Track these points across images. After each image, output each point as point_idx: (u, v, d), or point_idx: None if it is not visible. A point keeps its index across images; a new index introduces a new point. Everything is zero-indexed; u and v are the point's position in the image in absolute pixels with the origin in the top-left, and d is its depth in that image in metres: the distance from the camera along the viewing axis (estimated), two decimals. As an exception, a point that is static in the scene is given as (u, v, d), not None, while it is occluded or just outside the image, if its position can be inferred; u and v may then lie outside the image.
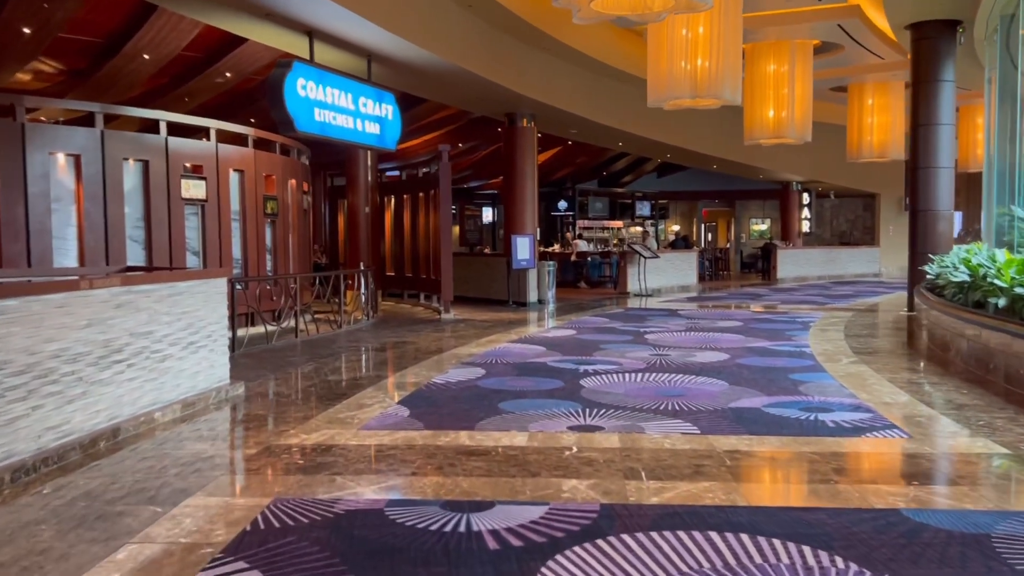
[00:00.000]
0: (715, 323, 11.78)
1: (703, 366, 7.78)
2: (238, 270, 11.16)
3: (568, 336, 10.34)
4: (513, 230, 15.55)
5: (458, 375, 7.38)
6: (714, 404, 5.98)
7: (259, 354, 9.08)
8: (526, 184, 15.77)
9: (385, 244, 16.71)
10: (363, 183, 15.44)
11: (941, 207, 12.70)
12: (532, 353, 8.80)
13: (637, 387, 6.72)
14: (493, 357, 8.51)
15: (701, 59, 11.82)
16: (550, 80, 14.96)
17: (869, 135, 19.85)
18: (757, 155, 22.19)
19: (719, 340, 9.79)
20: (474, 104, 15.33)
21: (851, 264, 24.99)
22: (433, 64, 11.76)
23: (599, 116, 16.67)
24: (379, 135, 11.66)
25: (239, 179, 11.24)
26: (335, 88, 10.66)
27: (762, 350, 8.85)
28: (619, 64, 15.82)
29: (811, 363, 7.88)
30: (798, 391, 6.44)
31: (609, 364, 7.97)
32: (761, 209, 31.23)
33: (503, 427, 5.32)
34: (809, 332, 10.51)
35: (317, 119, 10.28)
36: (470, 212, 29.69)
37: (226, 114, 13.98)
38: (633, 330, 10.96)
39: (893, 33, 13.57)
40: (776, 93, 16.13)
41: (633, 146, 21.24)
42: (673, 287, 19.38)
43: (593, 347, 9.26)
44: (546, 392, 6.53)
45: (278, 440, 5.09)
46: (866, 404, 5.88)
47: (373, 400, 6.30)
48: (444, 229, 13.14)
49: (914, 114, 12.90)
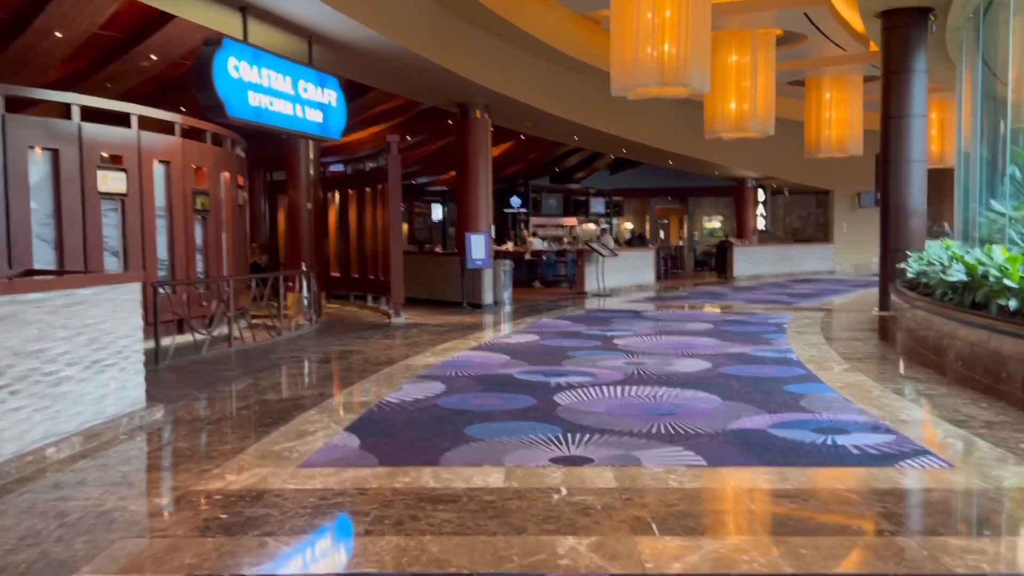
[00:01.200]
0: (684, 326, 11.08)
1: (687, 377, 7.02)
2: (164, 272, 10.05)
3: (531, 342, 9.51)
4: (467, 227, 14.66)
5: (414, 392, 6.49)
6: (712, 425, 5.20)
7: (186, 368, 8.03)
8: (480, 179, 14.90)
9: (329, 243, 15.67)
10: (304, 177, 14.37)
11: (914, 202, 12.21)
12: (495, 363, 7.94)
13: (619, 404, 5.92)
14: (452, 368, 7.62)
15: (668, 44, 11.13)
16: (505, 69, 14.11)
17: (827, 130, 19.52)
18: (714, 151, 21.69)
19: (694, 345, 9.07)
20: (424, 93, 14.39)
21: (806, 261, 24.71)
22: (380, 46, 10.81)
23: (555, 108, 15.88)
24: (322, 123, 10.66)
25: (165, 171, 10.12)
26: (272, 70, 9.64)
27: (744, 357, 8.15)
28: (577, 54, 15.05)
29: (802, 372, 7.19)
30: (801, 407, 5.71)
31: (582, 375, 7.16)
32: (714, 206, 30.87)
33: (473, 460, 4.46)
34: (786, 335, 9.88)
35: (252, 104, 9.25)
36: (419, 209, 28.65)
37: (154, 103, 12.77)
38: (599, 334, 10.18)
39: (863, 21, 13.05)
40: (738, 85, 15.57)
41: (589, 141, 20.54)
42: (631, 286, 18.72)
43: (561, 355, 8.44)
44: (518, 412, 5.68)
45: (198, 483, 4.14)
46: (883, 423, 5.17)
47: (316, 426, 5.37)
48: (394, 226, 12.19)
49: (885, 106, 12.39)
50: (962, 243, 12.22)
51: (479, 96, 14.37)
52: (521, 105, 14.94)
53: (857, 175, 25.27)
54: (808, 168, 24.19)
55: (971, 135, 11.41)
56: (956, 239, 13.32)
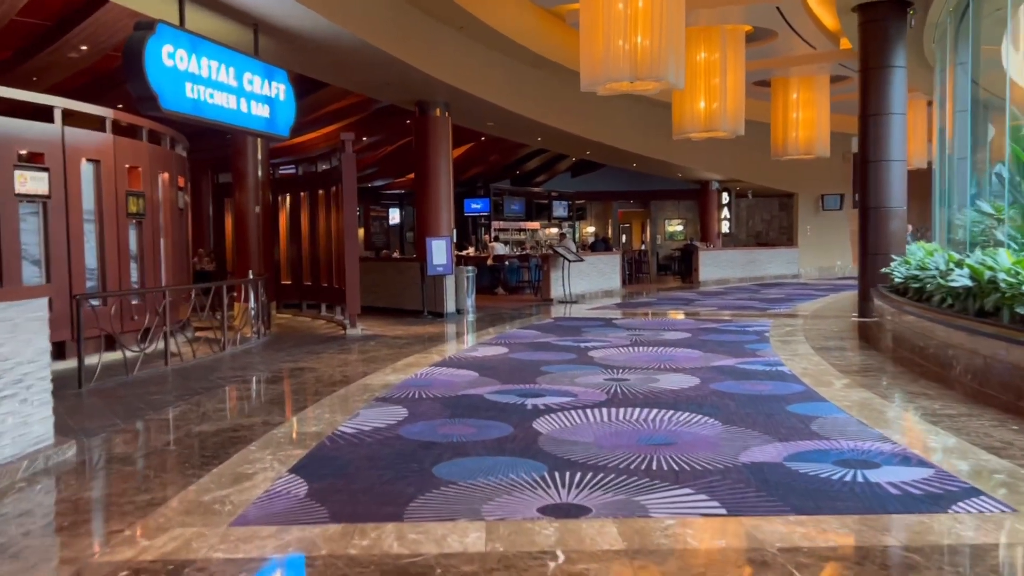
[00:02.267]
0: (660, 335, 10.43)
1: (676, 396, 6.34)
2: (93, 283, 9.09)
3: (500, 355, 8.76)
4: (427, 232, 13.87)
5: (373, 419, 5.69)
6: (720, 458, 4.51)
7: (113, 391, 7.12)
8: (440, 181, 14.12)
9: (280, 248, 14.74)
10: (252, 179, 13.44)
11: (894, 203, 11.76)
12: (462, 381, 7.17)
13: (608, 432, 5.20)
14: (415, 388, 6.83)
15: (641, 37, 10.47)
16: (466, 64, 13.37)
17: (794, 131, 19.11)
18: (679, 153, 21.21)
19: (676, 358, 8.41)
20: (381, 90, 13.57)
21: (771, 265, 24.36)
22: (332, 37, 9.99)
23: (519, 107, 15.17)
24: (269, 119, 9.79)
25: (94, 171, 9.17)
26: (214, 60, 8.76)
27: (733, 371, 7.50)
28: (542, 50, 14.37)
29: (801, 388, 6.55)
30: (813, 432, 5.05)
31: (560, 395, 6.43)
32: (676, 210, 30.47)
33: (446, 512, 3.69)
34: (771, 345, 9.28)
35: (189, 96, 8.36)
36: (376, 213, 27.67)
37: (90, 100, 11.74)
38: (572, 345, 9.47)
39: (838, 16, 12.60)
40: (707, 83, 15.00)
41: (552, 142, 19.87)
42: (597, 292, 18.08)
43: (534, 370, 7.70)
44: (493, 444, 4.92)
45: (102, 552, 3.31)
46: (913, 452, 4.53)
47: (257, 466, 4.55)
48: (349, 230, 11.35)
49: (863, 103, 11.93)
50: (945, 246, 11.80)
51: (439, 93, 13.60)
52: (483, 103, 14.20)
53: (821, 178, 25.04)
54: (772, 170, 23.83)
55: (953, 135, 10.97)
56: (933, 242, 12.93)
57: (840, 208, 25.57)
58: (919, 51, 13.10)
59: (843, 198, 25.47)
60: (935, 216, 13.23)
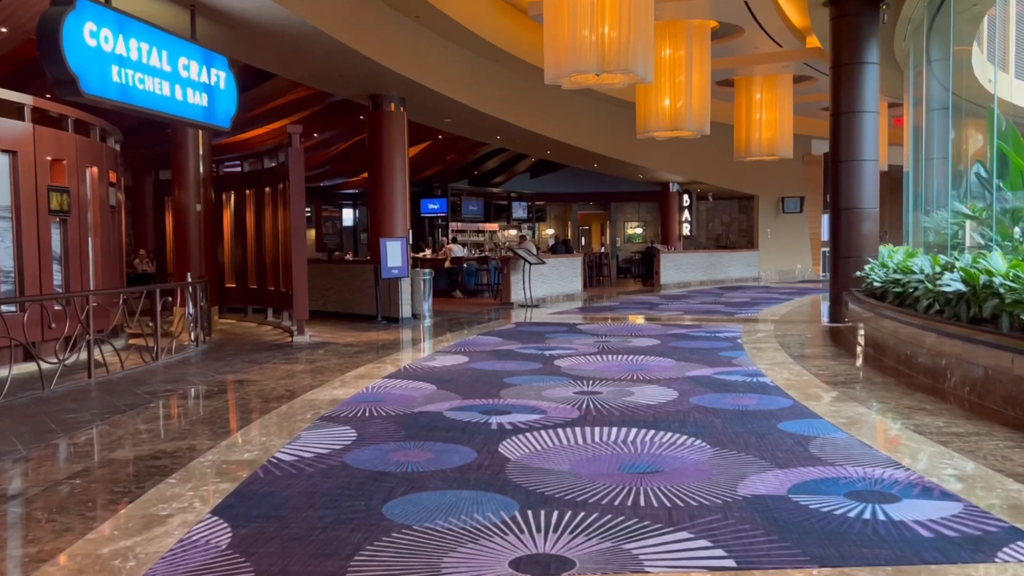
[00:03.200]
0: (628, 341, 9.88)
1: (655, 412, 5.75)
2: (9, 286, 8.22)
3: (460, 365, 8.10)
4: (382, 233, 13.14)
5: (315, 443, 5.00)
6: (716, 490, 3.92)
7: (23, 409, 6.30)
8: (395, 179, 13.41)
9: (224, 249, 13.89)
10: (193, 175, 12.57)
11: (866, 205, 11.40)
12: (419, 395, 6.51)
13: (585, 457, 4.58)
14: (365, 405, 6.15)
15: (608, 27, 9.93)
16: (423, 56, 12.69)
17: (758, 132, 18.79)
18: (641, 153, 20.77)
19: (648, 367, 7.85)
20: (332, 82, 12.80)
21: (731, 268, 24.07)
22: (278, 22, 9.25)
23: (478, 103, 14.53)
24: (207, 108, 9.01)
25: (9, 163, 8.30)
26: (144, 42, 7.98)
27: (712, 382, 6.95)
28: (503, 44, 13.76)
29: (788, 403, 6.02)
30: (814, 456, 4.50)
31: (527, 411, 5.80)
32: (636, 212, 30.10)
33: (397, 567, 3.03)
34: (745, 352, 8.77)
35: (116, 80, 7.57)
36: (328, 213, 26.70)
37: (13, 88, 10.80)
38: (536, 353, 8.87)
39: (809, 11, 12.21)
40: (672, 80, 14.55)
41: (512, 141, 19.26)
42: (558, 296, 17.52)
43: (496, 382, 7.07)
44: (454, 475, 4.27)
45: (-44, 633, 2.60)
46: (931, 481, 4.00)
47: (174, 505, 3.84)
48: (296, 230, 10.58)
49: (834, 101, 11.55)
50: (921, 250, 11.47)
51: (394, 87, 12.90)
52: (440, 98, 13.53)
53: (782, 180, 24.86)
54: (733, 172, 23.58)
55: (928, 135, 10.62)
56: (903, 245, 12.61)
57: (801, 211, 25.42)
58: (887, 50, 12.78)
59: (803, 201, 25.33)
60: (907, 219, 12.94)
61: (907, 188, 13.41)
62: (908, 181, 13.33)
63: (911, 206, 13.31)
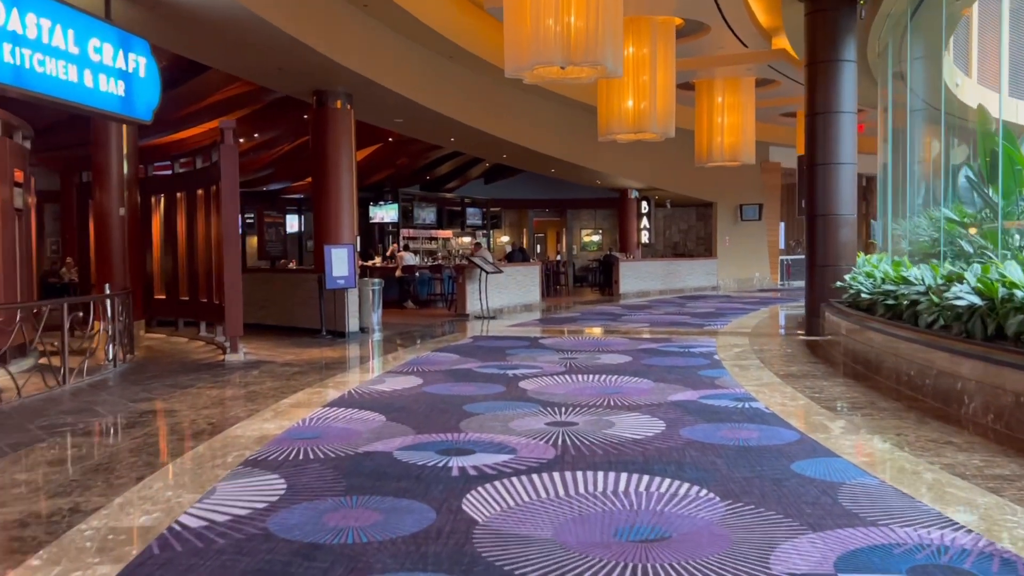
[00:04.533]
0: (597, 359, 9.06)
1: (643, 449, 4.90)
2: None
3: (413, 389, 7.17)
4: (327, 240, 12.12)
5: (233, 499, 4.03)
6: (745, 567, 3.08)
7: None
8: (342, 181, 12.41)
9: (154, 257, 12.71)
10: (116, 176, 11.41)
11: (844, 211, 10.79)
12: (364, 430, 5.56)
13: (571, 517, 3.70)
14: (300, 443, 5.18)
15: (574, 17, 9.14)
16: (372, 49, 11.75)
17: (719, 136, 18.22)
18: (599, 158, 20.06)
19: (624, 389, 7.02)
20: (273, 76, 11.77)
21: (690, 277, 23.49)
22: (207, 3, 8.23)
23: (431, 101, 13.61)
24: (124, 98, 7.93)
25: None
26: (45, 18, 6.92)
27: (700, 409, 6.14)
28: (458, 39, 12.88)
29: (794, 435, 5.22)
30: (848, 511, 3.69)
31: (494, 450, 4.91)
32: (592, 219, 29.45)
33: None
34: (727, 371, 8.00)
35: (8, 61, 6.49)
36: (271, 219, 25.36)
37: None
38: (498, 374, 7.98)
39: (782, 6, 11.59)
40: (636, 81, 13.85)
41: (467, 143, 18.36)
42: (516, 306, 16.66)
43: (455, 410, 6.16)
44: (407, 547, 3.35)
45: None
46: (1007, 549, 3.21)
47: (27, 604, 2.85)
48: (229, 236, 9.52)
49: (809, 101, 10.93)
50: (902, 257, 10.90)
51: (340, 81, 11.92)
52: (390, 94, 12.58)
53: (741, 187, 24.42)
54: (692, 179, 23.06)
55: (909, 138, 10.05)
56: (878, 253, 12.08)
57: (759, 218, 25.01)
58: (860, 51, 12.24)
59: (761, 208, 24.93)
60: (879, 226, 12.43)
61: (883, 194, 12.90)
62: (884, 187, 12.83)
63: (889, 212, 12.80)
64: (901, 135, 11.32)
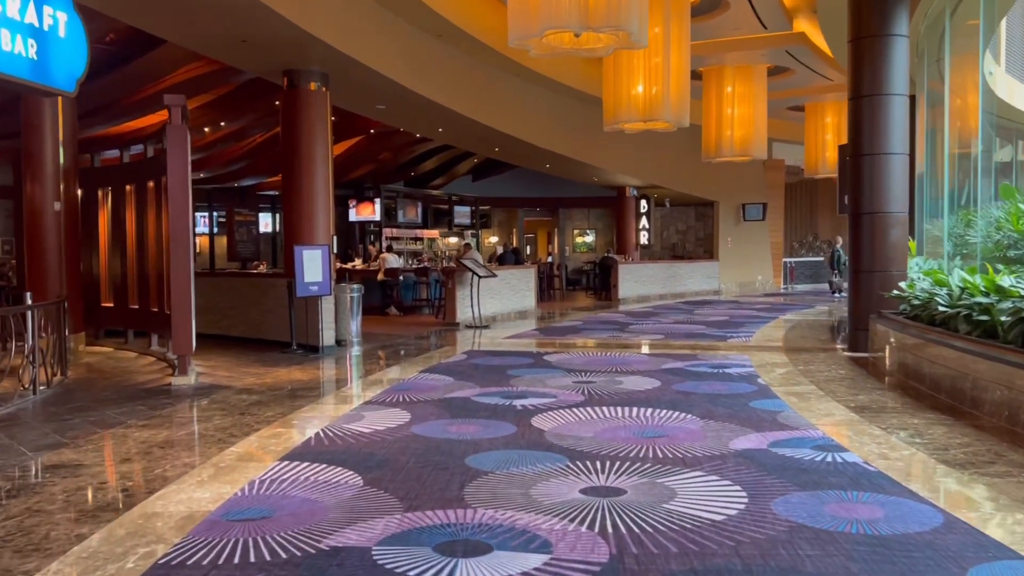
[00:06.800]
0: (618, 382, 7.57)
1: (735, 543, 3.41)
2: None
3: (398, 430, 5.64)
4: (298, 240, 10.57)
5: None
6: None
7: None
8: (316, 173, 10.86)
9: (100, 260, 11.09)
10: (51, 165, 9.80)
11: (894, 208, 9.34)
12: (332, 504, 4.03)
13: None
14: (238, 528, 3.65)
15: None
16: (350, 21, 10.21)
17: (729, 129, 16.85)
18: (599, 154, 18.60)
19: (668, 431, 5.53)
20: (237, 51, 10.16)
21: (691, 280, 22.10)
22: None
23: (417, 84, 12.06)
24: (36, 62, 6.35)
25: None
26: (-78, -48, 5.30)
27: (781, 465, 4.64)
28: (449, 14, 11.35)
29: (934, 514, 3.75)
30: None
31: (519, 546, 3.40)
32: (586, 219, 27.97)
33: None
34: (784, 401, 6.53)
35: None
36: (242, 218, 23.62)
37: None
38: (503, 405, 6.47)
39: (822, -26, 10.18)
40: (647, 63, 12.42)
41: (457, 135, 16.79)
42: (510, 313, 15.18)
43: (455, 465, 4.65)
44: None
45: None
46: None
47: None
48: (177, 234, 7.94)
49: (854, 82, 9.50)
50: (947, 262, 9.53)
51: (314, 59, 10.38)
52: (372, 76, 11.04)
53: (743, 185, 23.07)
54: (694, 176, 21.69)
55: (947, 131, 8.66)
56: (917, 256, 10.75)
57: (763, 218, 23.66)
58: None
59: (765, 207, 23.59)
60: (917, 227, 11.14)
61: (921, 192, 11.55)
62: (923, 185, 11.48)
63: (926, 213, 11.47)
64: (940, 124, 9.99)
